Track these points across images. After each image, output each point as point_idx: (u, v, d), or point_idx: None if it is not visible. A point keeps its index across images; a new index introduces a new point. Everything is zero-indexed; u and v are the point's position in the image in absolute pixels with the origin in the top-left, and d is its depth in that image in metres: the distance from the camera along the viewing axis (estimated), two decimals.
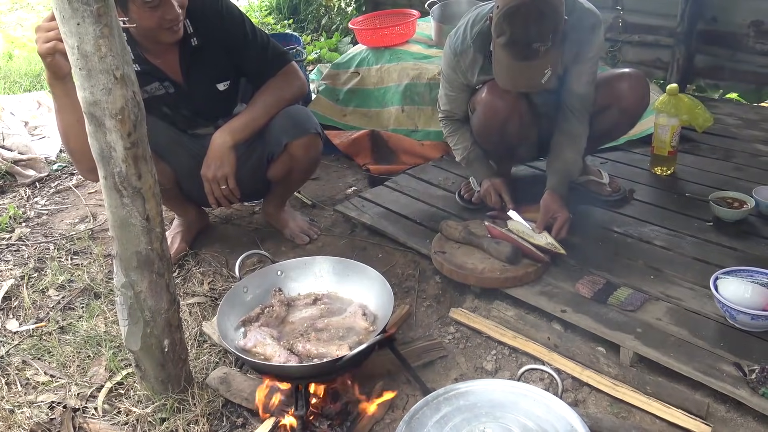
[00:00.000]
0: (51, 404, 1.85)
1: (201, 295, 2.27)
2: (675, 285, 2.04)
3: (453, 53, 2.26)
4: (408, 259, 2.36)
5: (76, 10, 1.33)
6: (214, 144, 2.19)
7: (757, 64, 3.37)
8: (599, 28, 2.17)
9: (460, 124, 2.45)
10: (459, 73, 2.29)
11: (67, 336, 2.12)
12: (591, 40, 2.15)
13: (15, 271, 2.51)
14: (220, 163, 2.18)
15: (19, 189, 3.20)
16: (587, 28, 2.14)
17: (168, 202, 2.38)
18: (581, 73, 2.19)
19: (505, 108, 2.23)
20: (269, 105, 2.27)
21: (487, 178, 2.45)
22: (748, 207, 2.32)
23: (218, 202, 2.26)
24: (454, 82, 2.34)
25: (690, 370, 1.71)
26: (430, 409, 1.43)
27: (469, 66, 2.24)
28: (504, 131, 2.30)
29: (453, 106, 2.41)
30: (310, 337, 1.78)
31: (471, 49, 2.21)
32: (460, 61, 2.25)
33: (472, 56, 2.22)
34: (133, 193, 1.51)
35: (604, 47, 2.22)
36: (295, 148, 2.28)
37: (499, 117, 2.25)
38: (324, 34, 5.34)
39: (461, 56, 2.24)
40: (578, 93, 2.23)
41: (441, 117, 2.49)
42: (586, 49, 2.15)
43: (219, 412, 1.78)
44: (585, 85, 2.22)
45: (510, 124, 2.27)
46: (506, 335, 1.95)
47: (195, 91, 2.26)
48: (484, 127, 2.33)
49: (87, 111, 1.43)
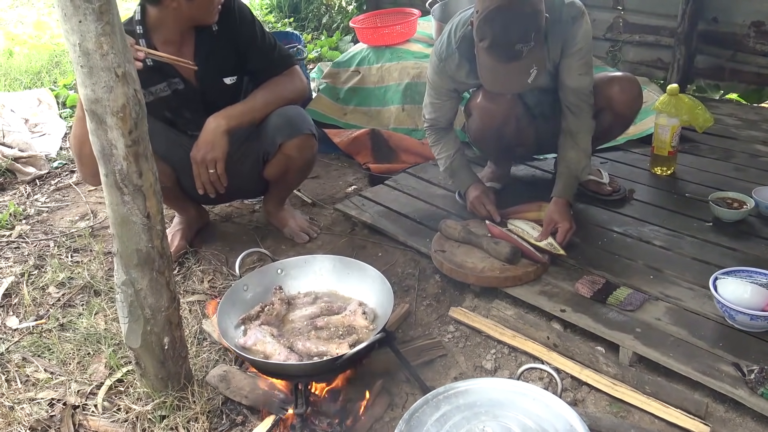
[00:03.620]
0: (51, 401, 1.86)
1: (201, 293, 2.27)
2: (674, 285, 2.04)
3: (438, 59, 2.25)
4: (408, 258, 2.36)
5: (78, 7, 1.33)
6: (208, 127, 2.17)
7: (757, 65, 3.36)
8: (581, 18, 2.13)
9: (444, 133, 2.43)
10: (445, 78, 2.27)
11: (67, 333, 2.12)
12: (574, 33, 2.12)
13: (15, 268, 2.51)
14: (210, 147, 2.16)
15: (20, 186, 3.20)
16: (568, 21, 2.12)
17: (168, 200, 2.39)
18: (570, 67, 2.18)
19: (501, 112, 2.23)
20: (268, 100, 2.28)
21: (472, 187, 2.42)
22: (748, 207, 2.32)
23: (205, 187, 2.24)
24: (440, 89, 2.32)
25: (689, 370, 1.71)
26: (430, 408, 1.44)
27: (455, 70, 2.23)
28: (501, 134, 2.30)
29: (438, 114, 2.39)
30: (310, 336, 1.79)
31: (456, 54, 2.20)
32: (446, 66, 2.23)
33: (457, 61, 2.20)
34: (133, 190, 1.52)
35: (590, 37, 2.17)
36: (290, 148, 2.29)
37: (495, 121, 2.26)
38: (325, 33, 5.34)
39: (447, 62, 2.22)
40: (571, 87, 2.21)
41: (426, 126, 2.47)
42: (570, 42, 2.13)
43: (219, 409, 1.78)
44: (577, 77, 2.19)
45: (506, 127, 2.27)
46: (506, 334, 1.95)
47: (204, 81, 2.26)
48: (481, 131, 2.34)
49: (88, 108, 1.43)
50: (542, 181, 2.33)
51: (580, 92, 2.22)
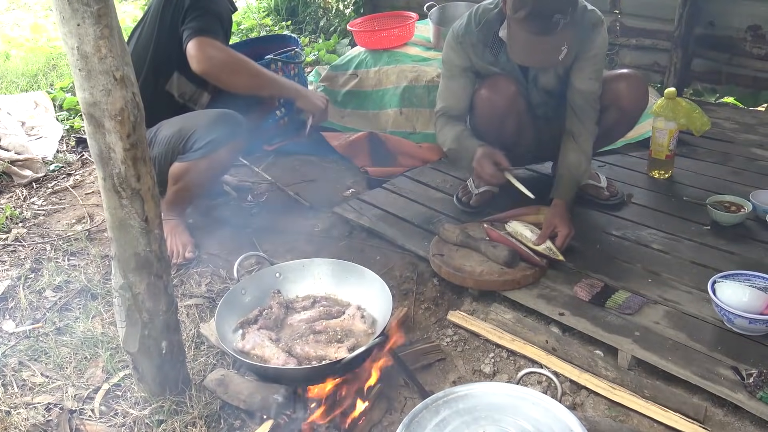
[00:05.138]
0: (48, 406, 1.84)
1: (199, 297, 2.26)
2: (673, 288, 2.05)
3: (455, 37, 2.29)
4: (406, 262, 2.36)
5: (76, 10, 1.32)
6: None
7: (754, 69, 3.38)
8: (600, 26, 2.20)
9: (455, 119, 2.37)
10: (460, 53, 2.29)
11: (64, 337, 2.11)
12: (592, 38, 2.18)
13: (11, 271, 2.50)
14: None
15: (16, 189, 3.19)
16: (589, 26, 2.18)
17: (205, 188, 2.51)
18: (583, 69, 2.22)
19: (504, 104, 2.24)
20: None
21: (479, 149, 2.25)
22: (746, 211, 2.33)
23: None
24: (453, 66, 2.32)
25: (688, 374, 1.71)
26: (429, 413, 1.43)
27: (471, 48, 2.27)
28: (502, 127, 2.31)
29: (451, 100, 2.35)
30: (309, 340, 1.78)
31: (474, 35, 2.24)
32: (463, 41, 2.27)
33: (474, 40, 2.25)
34: (131, 194, 1.51)
35: (606, 45, 2.23)
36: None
37: (497, 112, 2.26)
38: (322, 36, 5.34)
39: (464, 37, 2.27)
40: (580, 89, 2.24)
41: (437, 115, 2.40)
42: (587, 47, 2.18)
43: (216, 414, 1.77)
44: (587, 81, 2.23)
45: (508, 120, 2.28)
46: (504, 338, 1.95)
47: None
48: (482, 123, 2.34)
49: (86, 112, 1.43)
50: (542, 184, 2.33)
51: (588, 95, 2.25)
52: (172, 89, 2.48)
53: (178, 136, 2.34)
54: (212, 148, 2.28)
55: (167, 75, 2.46)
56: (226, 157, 2.37)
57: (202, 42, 2.23)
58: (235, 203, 2.87)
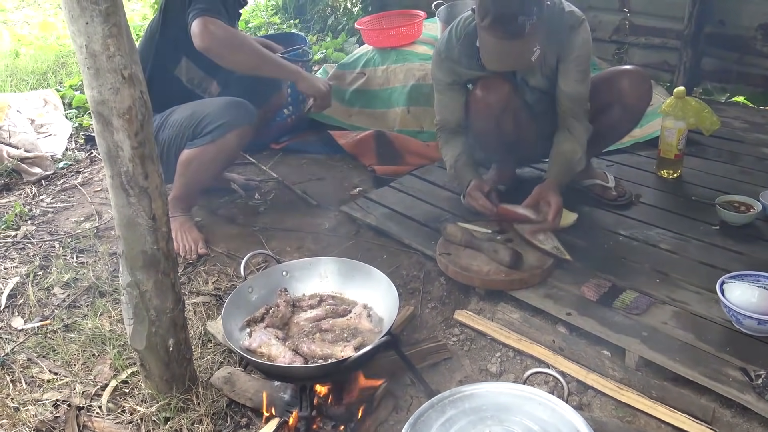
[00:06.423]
0: (55, 402, 1.86)
1: (206, 295, 2.27)
2: (681, 289, 2.03)
3: (439, 55, 2.33)
4: (413, 261, 2.36)
5: (85, 9, 1.33)
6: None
7: (764, 68, 3.35)
8: (579, 26, 2.19)
9: (453, 135, 2.43)
10: (445, 69, 2.32)
11: (72, 334, 2.12)
12: (572, 40, 2.18)
13: (20, 268, 2.51)
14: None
15: (25, 187, 3.21)
16: (566, 28, 2.18)
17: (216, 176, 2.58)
18: (568, 72, 2.22)
19: (498, 102, 2.26)
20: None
21: (472, 182, 2.38)
22: (755, 211, 2.31)
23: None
24: (441, 82, 2.36)
25: (696, 375, 1.70)
26: (436, 412, 1.43)
27: (455, 61, 2.29)
28: (499, 126, 2.31)
29: (445, 114, 2.41)
30: (315, 338, 1.78)
31: (456, 49, 2.26)
32: (446, 58, 2.30)
33: (458, 54, 2.27)
34: (139, 192, 1.52)
35: (590, 47, 2.22)
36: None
37: (492, 112, 2.27)
38: (330, 34, 5.34)
39: (447, 53, 2.30)
40: (567, 92, 2.25)
41: (436, 129, 2.49)
42: (567, 50, 2.19)
43: (223, 411, 1.78)
44: (573, 84, 2.23)
45: (504, 118, 2.29)
46: (511, 338, 1.95)
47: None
48: (479, 123, 2.34)
49: (94, 110, 1.44)
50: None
51: (576, 98, 2.26)
52: (180, 74, 2.53)
53: (189, 119, 2.39)
54: (223, 131, 2.35)
55: (176, 60, 2.51)
56: (235, 142, 2.42)
57: (205, 20, 2.28)
58: (242, 201, 2.87)
